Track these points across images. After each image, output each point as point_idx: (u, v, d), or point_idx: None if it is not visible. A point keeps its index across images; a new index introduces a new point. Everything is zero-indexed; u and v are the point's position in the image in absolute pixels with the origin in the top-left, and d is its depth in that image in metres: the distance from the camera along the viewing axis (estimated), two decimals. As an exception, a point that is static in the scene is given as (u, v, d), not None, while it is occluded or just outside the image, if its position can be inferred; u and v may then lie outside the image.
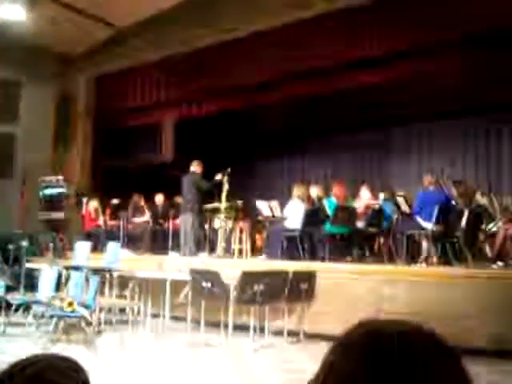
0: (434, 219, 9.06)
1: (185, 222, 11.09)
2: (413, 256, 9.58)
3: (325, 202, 10.22)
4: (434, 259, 9.26)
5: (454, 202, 9.85)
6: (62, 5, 12.18)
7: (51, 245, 10.21)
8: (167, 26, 12.45)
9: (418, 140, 13.93)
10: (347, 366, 0.77)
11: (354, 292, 7.99)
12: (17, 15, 11.67)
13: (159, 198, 13.06)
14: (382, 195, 10.92)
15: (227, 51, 11.89)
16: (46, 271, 8.84)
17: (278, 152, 15.58)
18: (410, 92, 12.51)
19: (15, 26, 12.38)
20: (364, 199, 10.64)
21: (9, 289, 8.85)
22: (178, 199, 12.38)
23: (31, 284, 9.06)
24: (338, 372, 0.77)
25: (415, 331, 0.81)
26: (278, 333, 8.15)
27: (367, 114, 13.77)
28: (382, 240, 10.50)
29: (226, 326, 8.25)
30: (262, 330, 8.00)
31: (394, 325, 0.81)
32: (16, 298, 8.67)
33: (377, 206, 10.45)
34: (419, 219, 9.33)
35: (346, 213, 9.97)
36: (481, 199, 10.30)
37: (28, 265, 9.90)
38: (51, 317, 7.61)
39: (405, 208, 10.08)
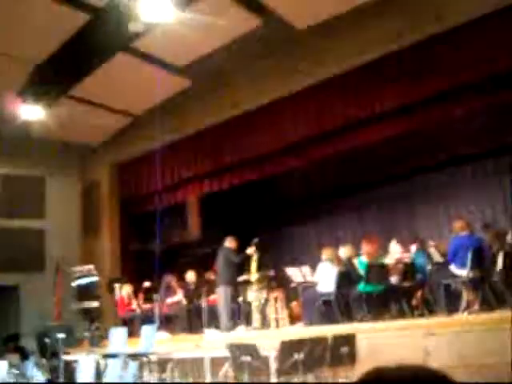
0: (468, 265, 8.87)
1: (220, 296, 11.06)
2: (453, 306, 9.32)
3: (355, 262, 10.11)
4: (476, 306, 9.00)
5: (486, 246, 9.66)
6: (79, 101, 12.61)
7: (87, 335, 10.17)
8: (178, 106, 12.77)
9: (442, 188, 13.81)
10: None
11: (397, 349, 7.77)
12: (37, 115, 12.11)
13: (190, 276, 13.03)
14: (413, 247, 10.77)
15: (241, 124, 12.13)
16: (84, 361, 8.78)
17: (304, 216, 15.56)
18: (429, 141, 12.54)
19: (35, 124, 12.83)
20: (394, 254, 10.50)
21: (49, 382, 8.81)
22: (210, 275, 12.35)
23: (70, 375, 8.99)
24: None
25: (420, 374, 0.79)
26: (325, 400, 7.90)
27: (388, 168, 13.78)
28: (418, 293, 10.28)
29: (271, 399, 8.04)
30: (307, 399, 7.78)
31: (405, 370, 0.80)
32: (56, 392, 8.61)
33: (408, 260, 10.30)
34: (453, 267, 9.14)
35: (378, 270, 9.84)
36: (513, 239, 10.09)
37: (67, 357, 9.86)
38: (93, 408, 7.51)
39: (437, 258, 9.91)
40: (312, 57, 10.86)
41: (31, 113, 12.05)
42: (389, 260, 10.35)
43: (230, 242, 11.33)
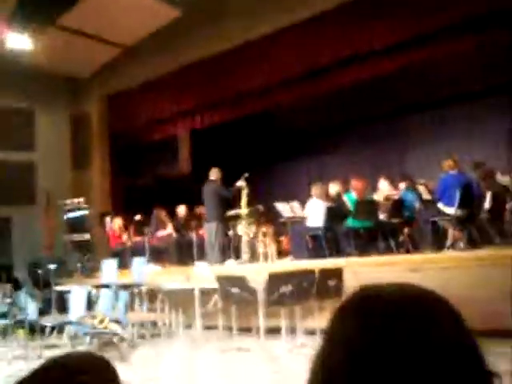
0: (456, 203, 8.97)
1: (209, 230, 11.16)
2: (439, 243, 9.48)
3: (344, 198, 10.19)
4: (461, 244, 9.15)
5: (475, 185, 9.73)
6: (68, 31, 12.35)
7: (79, 266, 10.31)
8: (171, 39, 12.54)
9: (433, 126, 13.79)
10: (342, 331, 0.76)
11: (383, 284, 7.93)
12: (24, 44, 11.88)
13: (181, 210, 13.14)
14: (402, 185, 10.85)
15: (235, 57, 11.95)
16: (76, 292, 8.94)
17: (295, 152, 15.54)
18: (422, 79, 12.45)
19: (23, 55, 12.60)
20: (383, 191, 10.58)
21: (41, 312, 8.97)
22: (199, 209, 12.43)
23: (62, 306, 9.17)
24: (335, 339, 0.77)
25: (414, 292, 0.80)
26: (311, 332, 8.12)
27: (379, 106, 13.71)
28: (406, 230, 10.42)
29: (258, 330, 8.26)
30: (293, 330, 7.99)
31: (391, 286, 0.80)
32: (49, 320, 8.78)
33: (396, 197, 10.39)
34: (441, 205, 9.24)
35: (366, 206, 9.93)
36: (502, 179, 10.18)
37: (59, 287, 10.01)
38: (85, 335, 7.69)
39: (426, 196, 10.00)
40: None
41: (19, 42, 11.82)
42: (378, 196, 10.43)
43: (215, 175, 11.32)
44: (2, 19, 11.37)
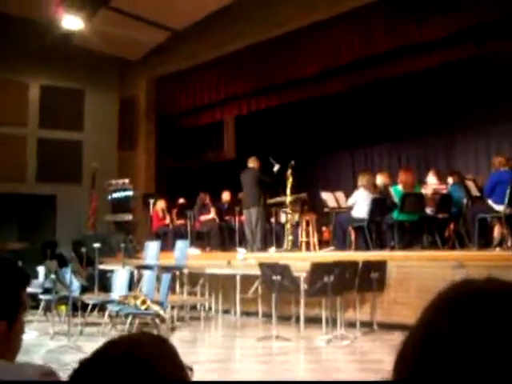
0: (506, 201, 8.74)
1: (249, 217, 11.17)
2: (486, 241, 9.27)
3: (391, 190, 10.04)
4: (509, 243, 8.93)
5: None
6: (120, 13, 12.43)
7: (122, 246, 10.42)
8: (221, 25, 12.50)
9: (485, 123, 13.46)
10: (436, 323, 0.72)
11: (426, 279, 7.81)
12: (75, 25, 12.03)
13: (225, 195, 13.17)
14: (450, 180, 10.63)
15: (283, 44, 11.85)
16: (119, 271, 9.06)
17: (342, 143, 15.37)
18: (473, 75, 12.14)
19: (75, 36, 12.75)
20: (431, 185, 10.38)
21: (84, 290, 9.11)
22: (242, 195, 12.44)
23: (105, 285, 9.29)
24: (427, 330, 0.73)
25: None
26: (351, 324, 8.07)
27: (430, 99, 13.44)
28: (452, 226, 10.22)
29: (298, 319, 8.24)
30: (334, 321, 7.93)
31: (491, 283, 0.76)
32: (91, 298, 8.92)
33: (445, 191, 10.18)
34: (491, 202, 9.02)
35: (413, 199, 9.75)
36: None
37: (101, 266, 10.15)
38: (126, 315, 7.78)
39: (475, 192, 9.78)
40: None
41: (73, 23, 11.96)
42: (425, 191, 10.24)
43: (253, 163, 11.35)
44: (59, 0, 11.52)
